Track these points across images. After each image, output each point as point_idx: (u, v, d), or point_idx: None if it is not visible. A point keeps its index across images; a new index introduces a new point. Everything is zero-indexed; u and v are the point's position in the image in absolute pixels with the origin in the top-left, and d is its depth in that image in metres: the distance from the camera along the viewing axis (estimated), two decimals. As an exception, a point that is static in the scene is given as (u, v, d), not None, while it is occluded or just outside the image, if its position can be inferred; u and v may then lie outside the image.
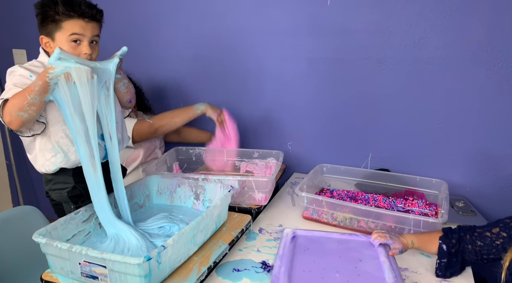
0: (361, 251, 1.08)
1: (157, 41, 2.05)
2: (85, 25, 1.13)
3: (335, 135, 1.86)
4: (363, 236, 1.15)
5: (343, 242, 1.13)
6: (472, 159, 1.65)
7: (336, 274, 0.98)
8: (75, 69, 1.00)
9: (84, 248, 0.91)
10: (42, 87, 0.99)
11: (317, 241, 1.14)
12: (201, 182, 1.37)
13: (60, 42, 1.12)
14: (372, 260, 1.04)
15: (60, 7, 1.09)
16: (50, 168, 1.17)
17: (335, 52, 1.74)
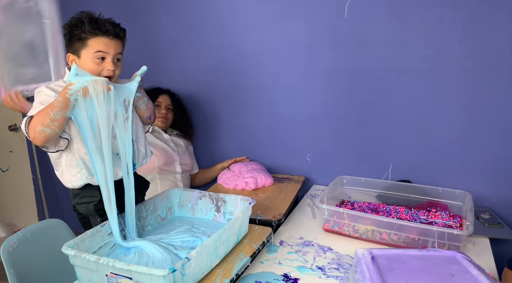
0: (448, 266, 1.02)
1: (174, 56, 2.11)
2: (109, 42, 1.18)
3: (355, 146, 1.86)
4: (443, 251, 1.09)
5: (425, 258, 1.07)
6: (497, 169, 1.61)
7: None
8: (92, 82, 1.04)
9: (111, 260, 0.93)
10: (63, 103, 1.04)
11: (397, 259, 1.08)
12: (222, 194, 1.38)
13: (85, 59, 1.18)
14: (464, 274, 0.98)
15: (87, 26, 1.15)
16: (77, 183, 1.21)
17: (353, 64, 1.75)
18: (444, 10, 1.56)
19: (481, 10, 1.51)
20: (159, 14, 2.07)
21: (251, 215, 1.34)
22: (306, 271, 1.18)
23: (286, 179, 1.93)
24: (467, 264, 1.01)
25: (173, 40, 2.09)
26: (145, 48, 2.13)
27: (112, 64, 1.20)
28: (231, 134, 2.10)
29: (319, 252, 1.29)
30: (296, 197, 1.76)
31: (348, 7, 1.70)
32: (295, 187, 1.81)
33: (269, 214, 1.51)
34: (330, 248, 1.32)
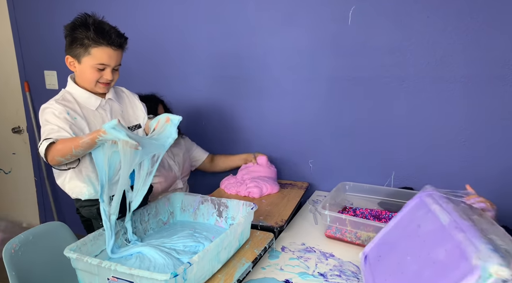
0: (416, 217, 1.04)
1: (175, 60, 2.11)
2: (112, 54, 1.19)
3: (357, 153, 1.86)
4: (410, 203, 1.10)
5: (400, 224, 1.10)
6: (500, 177, 1.61)
7: (408, 258, 0.95)
8: (123, 141, 1.02)
9: (113, 264, 0.93)
10: (89, 145, 1.05)
11: (382, 243, 1.11)
12: (224, 199, 1.38)
13: (86, 66, 1.19)
14: (426, 215, 0.99)
15: (92, 33, 1.15)
16: (80, 196, 1.24)
17: (357, 71, 1.76)
18: (448, 18, 1.57)
19: (484, 18, 1.51)
20: (160, 18, 2.09)
21: (253, 221, 1.34)
22: (307, 278, 1.17)
23: (289, 184, 1.92)
24: (430, 201, 1.01)
25: (175, 45, 2.10)
26: (145, 53, 2.14)
27: (111, 75, 1.22)
28: (233, 140, 2.10)
29: (321, 259, 1.29)
30: (299, 203, 1.75)
31: (352, 14, 1.71)
32: (298, 193, 1.81)
33: (271, 220, 1.50)
34: (332, 255, 1.32)
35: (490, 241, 0.76)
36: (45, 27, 2.38)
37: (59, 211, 2.74)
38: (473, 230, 0.82)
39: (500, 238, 0.81)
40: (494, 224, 0.92)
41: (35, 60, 2.49)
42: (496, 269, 0.67)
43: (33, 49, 2.47)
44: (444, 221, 0.89)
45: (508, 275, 0.66)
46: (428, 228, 0.95)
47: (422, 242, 0.94)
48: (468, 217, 0.90)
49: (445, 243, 0.85)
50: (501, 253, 0.72)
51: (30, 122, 2.59)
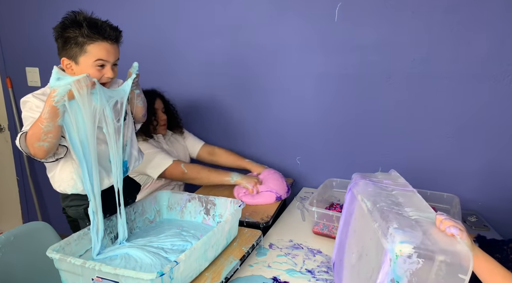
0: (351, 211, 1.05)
1: (168, 57, 2.09)
2: (110, 48, 1.13)
3: (344, 149, 1.87)
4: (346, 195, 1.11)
5: (344, 222, 1.10)
6: (483, 173, 1.64)
7: (353, 255, 0.95)
8: (74, 82, 0.98)
9: (98, 264, 0.91)
10: (51, 113, 0.98)
11: (340, 245, 1.11)
12: (212, 197, 1.37)
13: (85, 66, 1.12)
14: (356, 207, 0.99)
15: (85, 29, 1.08)
16: (66, 190, 1.19)
17: (343, 68, 1.76)
18: (433, 15, 1.58)
19: (469, 14, 1.53)
20: (155, 15, 2.06)
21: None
22: (295, 274, 1.17)
23: (275, 181, 1.92)
24: (356, 191, 1.00)
25: (165, 43, 2.07)
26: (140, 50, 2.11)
27: (111, 72, 1.16)
28: (221, 136, 2.09)
29: (308, 255, 1.29)
30: (284, 200, 1.75)
31: (338, 11, 1.71)
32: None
33: (257, 216, 1.50)
34: (319, 251, 1.32)
35: (398, 218, 0.75)
36: (27, 24, 2.32)
37: (44, 211, 2.68)
38: (384, 213, 0.79)
39: (414, 208, 0.81)
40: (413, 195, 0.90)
41: (16, 56, 2.43)
42: (399, 247, 0.65)
43: (14, 46, 2.41)
44: (365, 210, 0.89)
45: (410, 250, 0.64)
46: (359, 220, 0.95)
47: (358, 235, 0.94)
48: (385, 197, 0.89)
49: (369, 233, 0.84)
50: (405, 229, 0.70)
51: (12, 120, 2.52)
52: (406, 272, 0.65)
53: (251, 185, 1.66)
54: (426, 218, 0.76)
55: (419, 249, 0.65)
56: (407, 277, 0.65)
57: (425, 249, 0.65)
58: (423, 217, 0.77)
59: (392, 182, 1.00)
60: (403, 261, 0.65)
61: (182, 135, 1.98)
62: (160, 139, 1.84)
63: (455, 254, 0.65)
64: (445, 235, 0.71)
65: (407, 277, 0.65)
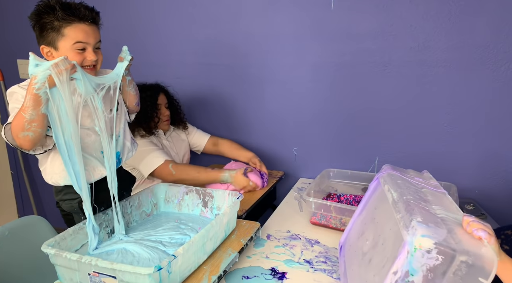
0: (374, 200, 1.03)
1: (159, 47, 2.06)
2: (88, 29, 1.09)
3: (341, 139, 1.86)
4: (371, 184, 1.10)
5: (363, 209, 1.09)
6: (480, 161, 1.63)
7: (367, 242, 0.94)
8: (52, 66, 0.94)
9: (94, 259, 0.90)
10: (33, 101, 0.95)
11: (353, 230, 1.11)
12: (209, 189, 1.36)
13: (64, 51, 1.09)
14: (380, 196, 0.98)
15: (59, 12, 1.05)
16: (58, 182, 1.16)
17: (340, 56, 1.74)
18: (430, 2, 1.56)
19: (466, 3, 1.51)
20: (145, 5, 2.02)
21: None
22: (293, 265, 1.17)
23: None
24: (383, 181, 0.99)
25: (156, 32, 2.04)
26: (129, 41, 2.07)
27: (93, 54, 1.12)
28: (217, 128, 2.07)
29: (306, 245, 1.29)
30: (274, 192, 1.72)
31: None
32: (270, 183, 1.78)
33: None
34: (317, 241, 1.32)
35: (423, 213, 0.74)
36: (18, 15, 2.27)
37: (39, 205, 2.66)
38: (409, 206, 0.78)
39: (442, 207, 0.80)
40: (443, 196, 0.89)
41: (7, 48, 2.38)
42: (419, 241, 0.65)
43: (5, 38, 2.36)
44: (389, 200, 0.87)
45: (430, 245, 0.63)
46: (381, 209, 0.94)
47: (376, 224, 0.93)
48: (413, 192, 0.88)
49: (389, 223, 0.83)
50: (429, 224, 0.69)
51: (4, 113, 2.49)
52: (422, 267, 0.64)
53: (239, 188, 1.65)
54: (453, 218, 0.75)
55: (441, 245, 0.64)
56: (422, 271, 0.64)
57: (447, 246, 0.64)
58: (451, 217, 0.75)
59: (423, 180, 0.99)
60: (421, 255, 0.64)
61: (185, 130, 1.95)
62: (161, 135, 1.81)
63: (479, 256, 0.64)
64: (471, 237, 0.69)
65: (423, 271, 0.64)
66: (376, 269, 0.82)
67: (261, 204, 1.69)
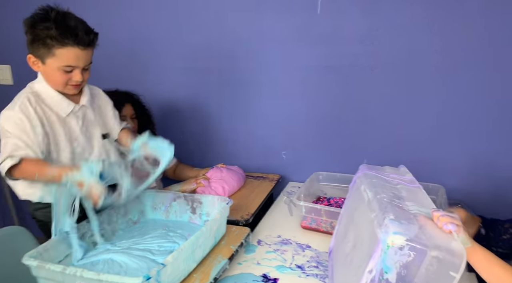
0: (354, 201, 1.02)
1: (146, 52, 2.02)
2: (80, 53, 1.05)
3: (329, 142, 1.85)
4: (350, 185, 1.10)
5: (345, 211, 1.08)
6: (468, 162, 1.65)
7: (348, 244, 0.93)
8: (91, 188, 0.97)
9: (79, 269, 0.86)
10: (53, 179, 0.99)
11: (339, 233, 1.10)
12: (198, 195, 1.33)
13: (51, 68, 1.06)
14: (359, 197, 0.97)
15: (54, 31, 0.99)
16: (30, 198, 1.14)
17: (327, 60, 1.74)
18: (414, 7, 1.57)
19: (450, 7, 1.53)
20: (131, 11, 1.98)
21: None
22: (285, 271, 1.15)
23: (261, 177, 1.89)
24: (359, 182, 1.00)
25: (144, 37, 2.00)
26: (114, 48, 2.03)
27: (80, 76, 1.09)
28: (204, 134, 2.05)
29: (297, 250, 1.27)
30: (271, 195, 1.73)
31: (321, 3, 1.68)
32: (269, 186, 1.78)
33: (237, 214, 1.45)
34: (308, 246, 1.30)
35: (396, 211, 0.74)
36: (-5, 18, 2.21)
37: (20, 215, 2.57)
38: (383, 204, 0.78)
39: (415, 202, 0.80)
40: (418, 191, 0.89)
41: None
42: (391, 238, 0.65)
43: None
44: (365, 200, 0.87)
45: (402, 241, 0.63)
46: (359, 210, 0.94)
47: (356, 225, 0.93)
48: (388, 190, 0.88)
49: (366, 222, 0.83)
50: (401, 221, 0.69)
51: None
52: (396, 264, 0.64)
53: (192, 183, 1.64)
54: (426, 213, 0.75)
55: (412, 241, 0.64)
56: (396, 268, 0.64)
57: (418, 242, 0.64)
58: (423, 212, 0.75)
59: (399, 176, 0.99)
60: (394, 252, 0.64)
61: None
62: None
63: (449, 250, 0.64)
64: (442, 231, 0.70)
65: (397, 268, 0.64)
66: (355, 269, 0.81)
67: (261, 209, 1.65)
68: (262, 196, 1.65)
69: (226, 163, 1.96)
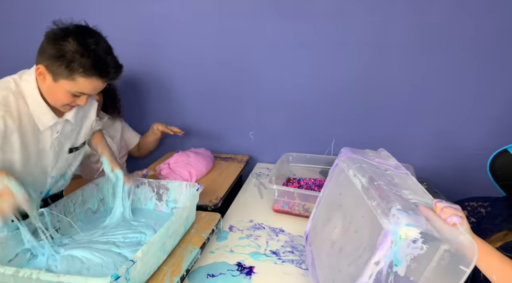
0: (338, 185, 0.99)
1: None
2: (101, 86, 0.99)
3: (297, 123, 1.81)
4: (331, 169, 1.07)
5: (327, 195, 1.05)
6: (433, 141, 1.68)
7: (335, 230, 0.90)
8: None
9: (34, 271, 0.76)
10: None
11: (318, 218, 1.06)
12: (164, 181, 1.24)
13: (61, 88, 0.96)
14: (344, 182, 0.95)
15: (88, 63, 0.91)
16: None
17: (296, 37, 1.67)
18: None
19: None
20: None
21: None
22: (260, 257, 1.11)
23: (229, 158, 1.83)
24: (345, 165, 0.97)
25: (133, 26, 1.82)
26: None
27: (86, 101, 1.02)
28: (169, 113, 1.93)
29: (271, 235, 1.23)
30: (240, 177, 1.67)
31: (290, -25, 1.60)
32: (238, 168, 1.72)
33: (205, 199, 1.38)
34: (281, 230, 1.27)
35: (399, 200, 0.72)
36: None
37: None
38: (383, 192, 0.76)
39: (411, 191, 0.79)
40: (407, 177, 0.88)
41: None
42: (405, 230, 0.63)
43: None
44: (358, 186, 0.85)
45: (416, 234, 0.62)
46: (347, 195, 0.92)
47: (344, 210, 0.91)
48: (381, 176, 0.85)
49: (361, 209, 0.81)
50: (409, 212, 0.67)
51: None
52: (407, 256, 0.62)
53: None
54: (424, 204, 0.72)
55: (426, 235, 0.61)
56: (406, 261, 0.62)
57: (432, 235, 0.62)
58: (422, 202, 0.73)
59: (384, 161, 0.96)
60: (407, 245, 0.61)
61: (120, 120, 1.77)
62: None
63: (460, 244, 0.62)
64: (446, 223, 0.67)
65: (407, 261, 0.62)
66: (350, 258, 0.78)
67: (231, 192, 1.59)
68: (231, 179, 1.59)
69: (194, 143, 1.87)
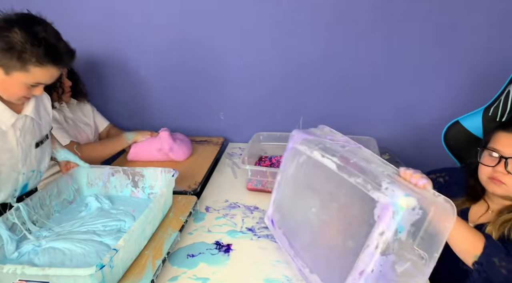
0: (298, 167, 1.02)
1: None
2: (56, 73, 0.96)
3: (266, 101, 1.85)
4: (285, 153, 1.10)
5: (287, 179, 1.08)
6: (395, 113, 1.78)
7: (312, 210, 0.95)
8: None
9: (18, 266, 0.78)
10: None
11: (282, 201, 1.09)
12: (138, 168, 1.26)
13: (15, 81, 0.92)
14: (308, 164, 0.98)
15: (41, 51, 0.88)
16: None
17: (260, 15, 1.68)
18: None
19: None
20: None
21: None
22: (237, 235, 1.17)
23: (205, 141, 1.85)
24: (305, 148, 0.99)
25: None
26: None
27: (42, 91, 0.99)
28: (139, 95, 1.91)
29: (246, 213, 1.29)
30: (215, 160, 1.70)
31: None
32: (213, 150, 1.75)
33: (184, 184, 1.41)
34: (256, 207, 1.33)
35: (380, 173, 0.77)
36: None
37: None
38: (363, 168, 0.80)
39: (379, 164, 0.84)
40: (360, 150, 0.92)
41: None
42: (405, 201, 0.69)
43: None
44: (331, 166, 0.88)
45: (415, 203, 0.69)
46: (317, 175, 0.95)
47: (318, 191, 0.94)
48: (348, 154, 0.89)
49: (341, 188, 0.85)
50: (396, 183, 0.73)
51: None
52: (407, 223, 0.70)
53: (146, 136, 1.62)
54: (393, 173, 0.79)
55: (421, 201, 0.70)
56: (407, 227, 0.70)
57: (424, 201, 0.70)
58: (391, 172, 0.79)
59: (335, 137, 1.00)
60: (408, 213, 0.69)
61: (89, 104, 1.75)
62: (64, 108, 1.60)
63: (441, 204, 0.71)
64: (416, 187, 0.75)
65: (407, 227, 0.70)
66: (345, 234, 0.83)
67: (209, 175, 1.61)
68: (208, 162, 1.62)
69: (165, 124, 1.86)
